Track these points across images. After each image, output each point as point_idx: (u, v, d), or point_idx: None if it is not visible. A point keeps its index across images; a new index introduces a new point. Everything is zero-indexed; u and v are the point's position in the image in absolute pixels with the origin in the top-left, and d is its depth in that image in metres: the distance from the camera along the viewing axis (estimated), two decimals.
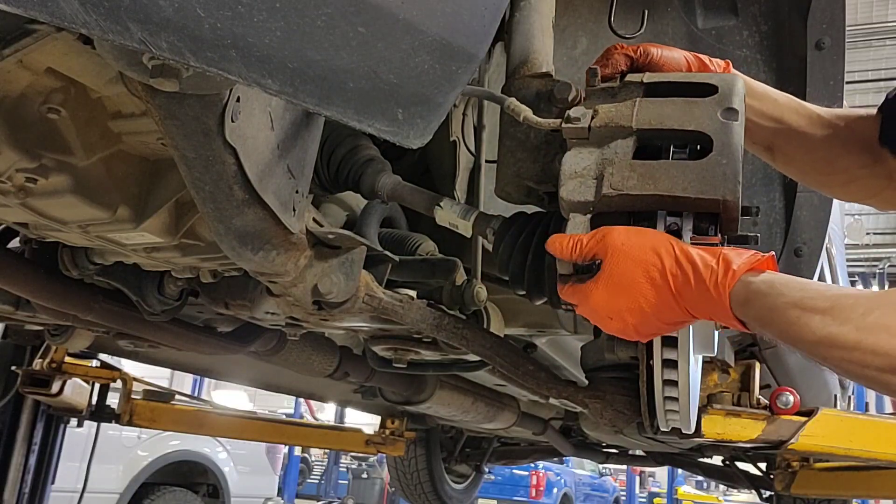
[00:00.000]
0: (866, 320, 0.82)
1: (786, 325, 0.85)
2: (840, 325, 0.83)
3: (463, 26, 0.76)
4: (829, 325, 0.83)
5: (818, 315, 0.84)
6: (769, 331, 0.87)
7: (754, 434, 1.86)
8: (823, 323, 0.83)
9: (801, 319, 0.84)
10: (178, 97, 0.72)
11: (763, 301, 0.86)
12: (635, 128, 0.95)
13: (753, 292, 0.86)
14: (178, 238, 1.17)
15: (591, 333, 1.40)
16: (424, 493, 4.69)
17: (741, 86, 0.97)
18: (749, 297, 0.86)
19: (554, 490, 13.80)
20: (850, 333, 0.82)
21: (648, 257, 0.89)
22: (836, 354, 0.83)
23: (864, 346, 0.81)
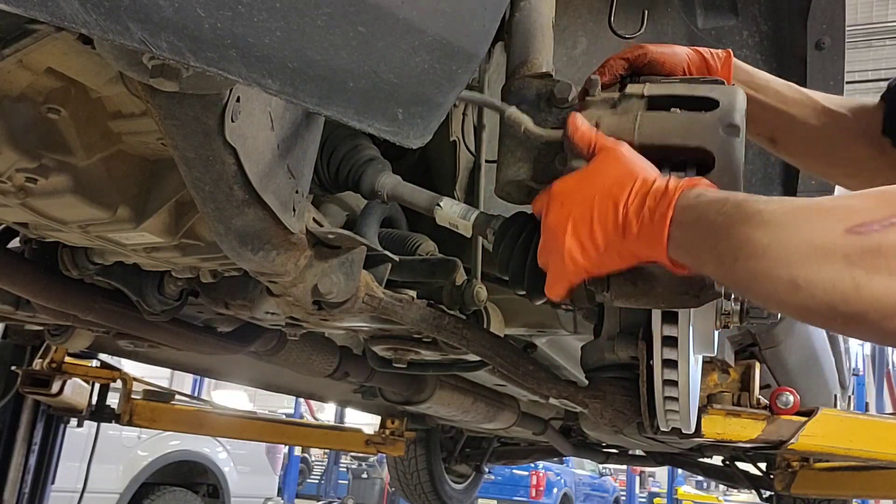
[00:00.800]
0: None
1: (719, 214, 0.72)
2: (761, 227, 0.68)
3: (463, 26, 0.76)
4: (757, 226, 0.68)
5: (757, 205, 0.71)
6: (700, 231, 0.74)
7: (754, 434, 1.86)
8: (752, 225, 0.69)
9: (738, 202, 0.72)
10: (178, 97, 0.72)
11: (710, 195, 0.76)
12: (637, 143, 0.95)
13: (705, 191, 0.77)
14: (178, 238, 1.17)
15: (592, 333, 1.40)
16: (424, 493, 4.70)
17: (742, 100, 0.97)
18: (698, 195, 0.76)
19: (554, 490, 13.81)
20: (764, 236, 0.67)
21: (638, 170, 0.83)
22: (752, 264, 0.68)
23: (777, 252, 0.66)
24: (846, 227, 0.62)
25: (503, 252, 1.07)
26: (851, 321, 0.62)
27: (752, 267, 0.67)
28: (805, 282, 0.63)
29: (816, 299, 0.63)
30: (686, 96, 0.99)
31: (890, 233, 0.60)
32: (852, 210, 0.64)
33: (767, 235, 0.66)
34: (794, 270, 0.64)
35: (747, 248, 0.68)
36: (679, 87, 1.01)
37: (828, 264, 0.62)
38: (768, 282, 0.66)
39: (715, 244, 0.72)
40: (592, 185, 0.85)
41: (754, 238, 0.67)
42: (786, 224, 0.66)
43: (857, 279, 0.60)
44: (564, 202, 0.87)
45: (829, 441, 1.91)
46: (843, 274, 0.61)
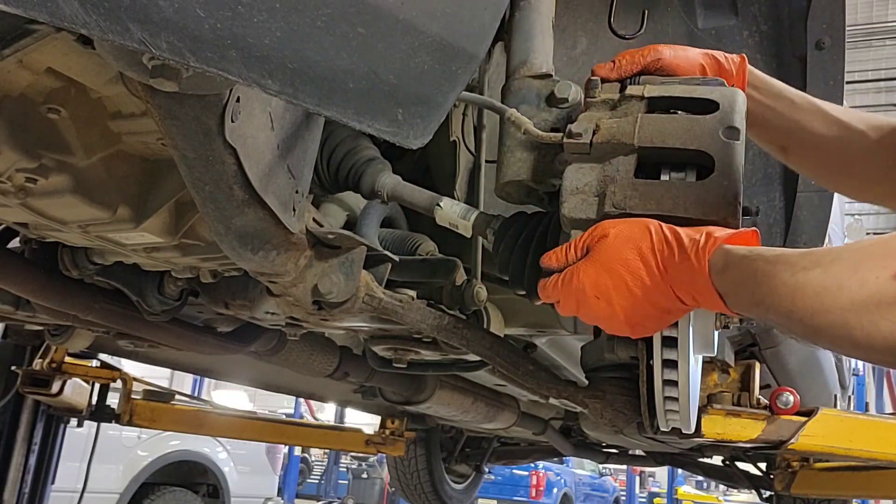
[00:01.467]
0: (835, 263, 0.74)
1: (759, 282, 0.78)
2: (810, 270, 0.75)
3: (463, 26, 0.76)
4: (801, 272, 0.75)
5: (791, 266, 0.77)
6: (745, 295, 0.81)
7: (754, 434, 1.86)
8: (794, 271, 0.76)
9: (775, 270, 0.78)
10: (178, 97, 0.72)
11: (740, 263, 0.81)
12: (637, 145, 0.95)
13: (733, 256, 0.82)
14: (178, 238, 1.17)
15: (592, 333, 1.40)
16: (424, 493, 4.70)
17: (742, 102, 0.97)
18: (728, 262, 0.82)
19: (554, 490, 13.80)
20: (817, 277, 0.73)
21: (638, 234, 0.87)
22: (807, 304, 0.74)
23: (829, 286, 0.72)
24: (891, 274, 0.67)
25: (503, 252, 1.07)
26: None
27: (806, 332, 0.74)
28: (863, 335, 0.68)
29: (879, 349, 0.68)
30: (686, 98, 0.99)
31: None
32: (889, 256, 0.69)
33: (813, 301, 0.72)
34: (849, 329, 0.69)
35: (794, 315, 0.74)
36: (678, 88, 1.01)
37: (883, 311, 0.67)
38: (826, 339, 0.73)
39: (765, 314, 0.78)
40: (614, 271, 0.88)
41: (799, 306, 0.74)
42: (826, 285, 0.72)
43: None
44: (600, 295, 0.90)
45: (829, 441, 1.91)
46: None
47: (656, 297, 0.87)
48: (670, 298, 0.86)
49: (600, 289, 0.89)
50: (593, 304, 0.91)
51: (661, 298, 0.87)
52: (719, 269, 0.82)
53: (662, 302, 0.87)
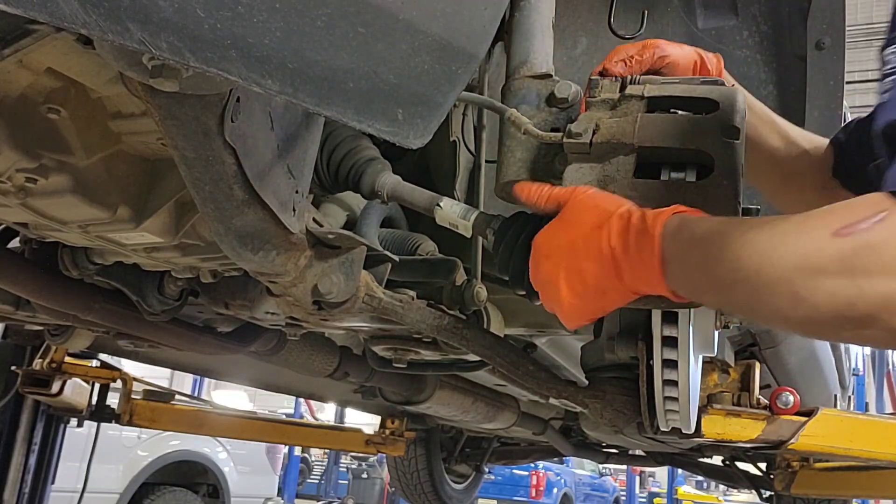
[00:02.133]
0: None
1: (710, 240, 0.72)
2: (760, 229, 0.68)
3: (463, 26, 0.76)
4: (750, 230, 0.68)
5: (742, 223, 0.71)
6: (693, 258, 0.73)
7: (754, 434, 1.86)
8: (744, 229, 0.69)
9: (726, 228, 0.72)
10: (178, 97, 0.72)
11: (695, 225, 0.75)
12: (637, 145, 0.95)
13: (688, 220, 0.77)
14: (178, 238, 1.17)
15: (592, 333, 1.40)
16: (424, 493, 4.70)
17: (742, 102, 0.97)
18: (682, 225, 0.76)
19: (554, 490, 13.80)
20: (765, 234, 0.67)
21: (608, 203, 0.83)
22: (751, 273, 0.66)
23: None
24: (831, 231, 0.61)
25: (503, 252, 1.07)
26: (861, 325, 0.61)
27: (750, 290, 0.67)
28: (807, 293, 0.62)
29: (821, 309, 0.61)
30: (686, 98, 0.99)
31: (876, 229, 0.59)
32: (833, 214, 0.63)
33: (759, 257, 0.66)
34: (793, 285, 0.63)
35: (740, 275, 0.67)
36: (678, 87, 1.01)
37: (825, 272, 0.61)
38: (769, 301, 0.66)
39: (708, 274, 0.71)
40: (570, 232, 0.85)
41: (746, 262, 0.67)
42: (773, 242, 0.65)
43: (859, 282, 0.59)
44: (550, 255, 0.87)
45: (829, 441, 1.91)
46: (843, 280, 0.59)
47: (600, 269, 0.81)
48: (611, 274, 0.80)
49: (551, 249, 0.86)
50: (542, 263, 0.87)
51: (604, 272, 0.81)
52: (672, 233, 0.76)
53: (603, 277, 0.81)
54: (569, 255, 0.84)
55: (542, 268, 0.88)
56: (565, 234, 0.85)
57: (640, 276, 0.78)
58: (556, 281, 0.85)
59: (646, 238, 0.78)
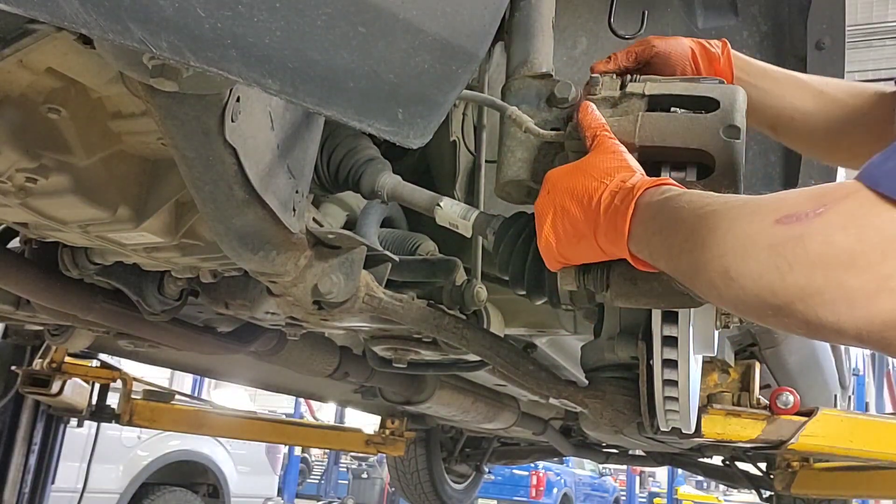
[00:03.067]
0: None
1: (671, 207, 0.73)
2: (715, 206, 0.68)
3: (463, 26, 0.76)
4: (708, 205, 0.69)
5: (703, 198, 0.71)
6: (656, 221, 0.75)
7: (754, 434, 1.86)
8: (703, 203, 0.70)
9: (688, 200, 0.72)
10: (178, 97, 0.72)
11: (669, 192, 0.76)
12: (638, 144, 0.95)
13: (667, 191, 0.77)
14: (178, 238, 1.17)
15: (592, 333, 1.40)
16: (424, 493, 4.70)
17: (743, 100, 0.97)
18: (660, 195, 0.77)
19: (554, 490, 13.81)
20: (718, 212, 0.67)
21: (619, 168, 0.85)
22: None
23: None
24: (775, 218, 0.62)
25: (503, 252, 1.07)
26: (780, 312, 0.62)
27: (694, 259, 0.68)
28: (736, 272, 0.63)
29: (747, 290, 0.62)
30: (686, 96, 0.99)
31: (814, 222, 0.59)
32: (783, 203, 0.64)
33: (708, 228, 0.67)
34: (727, 261, 0.64)
35: (691, 242, 0.69)
36: (679, 86, 1.01)
37: (754, 254, 0.62)
38: (706, 273, 0.67)
39: (666, 238, 0.73)
40: (577, 177, 0.87)
41: (698, 232, 0.68)
42: (724, 217, 0.66)
43: (781, 269, 0.60)
44: (551, 190, 0.89)
45: (829, 441, 1.91)
46: (768, 263, 0.60)
47: (583, 217, 0.84)
48: (589, 226, 0.83)
49: (556, 183, 0.89)
50: (542, 195, 0.91)
51: (585, 221, 0.84)
52: (648, 200, 0.78)
53: (582, 226, 0.84)
54: (564, 195, 0.87)
55: (539, 199, 0.91)
56: (572, 177, 0.88)
57: (609, 235, 0.81)
58: (545, 215, 0.89)
59: (627, 198, 0.80)
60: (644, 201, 0.79)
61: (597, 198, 0.83)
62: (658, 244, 0.75)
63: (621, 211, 0.79)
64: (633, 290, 0.91)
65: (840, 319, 0.57)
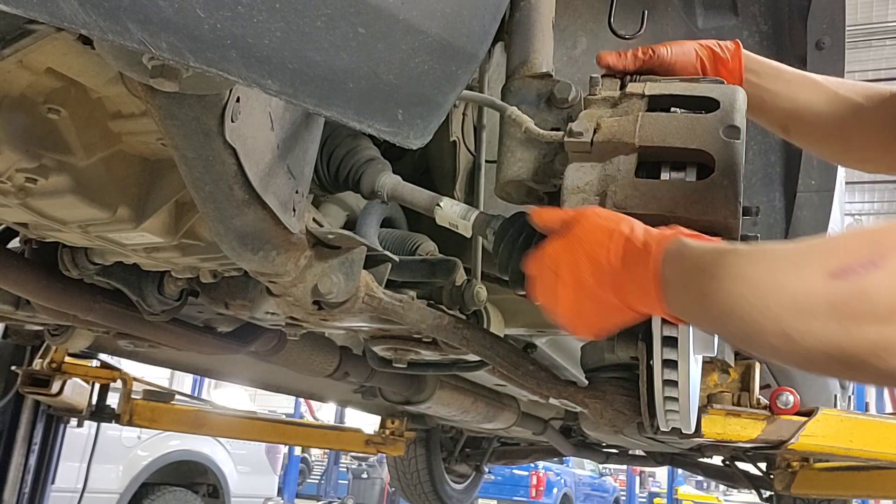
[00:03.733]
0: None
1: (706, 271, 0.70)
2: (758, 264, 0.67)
3: (463, 26, 0.76)
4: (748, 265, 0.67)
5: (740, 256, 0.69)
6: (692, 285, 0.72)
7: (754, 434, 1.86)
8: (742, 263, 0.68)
9: (725, 260, 0.70)
10: (178, 97, 0.72)
11: (694, 252, 0.74)
12: (638, 144, 0.95)
13: (688, 246, 0.75)
14: (178, 238, 1.17)
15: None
16: (424, 493, 4.70)
17: (742, 100, 0.97)
18: (683, 251, 0.75)
19: (554, 490, 13.80)
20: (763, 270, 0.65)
21: (616, 226, 0.83)
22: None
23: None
24: (827, 271, 0.60)
25: (503, 252, 1.07)
26: (850, 368, 0.61)
27: (744, 326, 0.67)
28: (798, 334, 0.62)
29: (812, 351, 0.61)
30: (686, 96, 0.99)
31: (872, 275, 0.58)
32: (831, 253, 0.63)
33: (751, 292, 0.65)
34: (783, 325, 0.62)
35: (735, 309, 0.67)
36: (679, 86, 1.01)
37: (815, 315, 0.60)
38: (762, 338, 0.65)
39: (705, 308, 0.71)
40: (575, 249, 0.85)
41: (738, 297, 0.66)
42: (766, 277, 0.65)
43: (848, 328, 0.59)
44: (559, 270, 0.86)
45: (829, 441, 1.91)
46: (832, 324, 0.59)
47: (600, 286, 0.81)
48: (610, 291, 0.81)
49: (556, 263, 0.85)
50: (545, 277, 0.87)
51: (604, 289, 0.81)
52: (671, 258, 0.76)
53: (604, 294, 0.82)
54: (574, 271, 0.84)
55: (548, 282, 0.87)
56: (570, 251, 0.85)
57: (638, 297, 0.79)
58: (556, 294, 0.86)
59: (645, 260, 0.77)
60: (666, 257, 0.76)
61: (605, 261, 0.80)
62: (699, 314, 0.72)
63: (641, 269, 0.76)
64: None
65: None
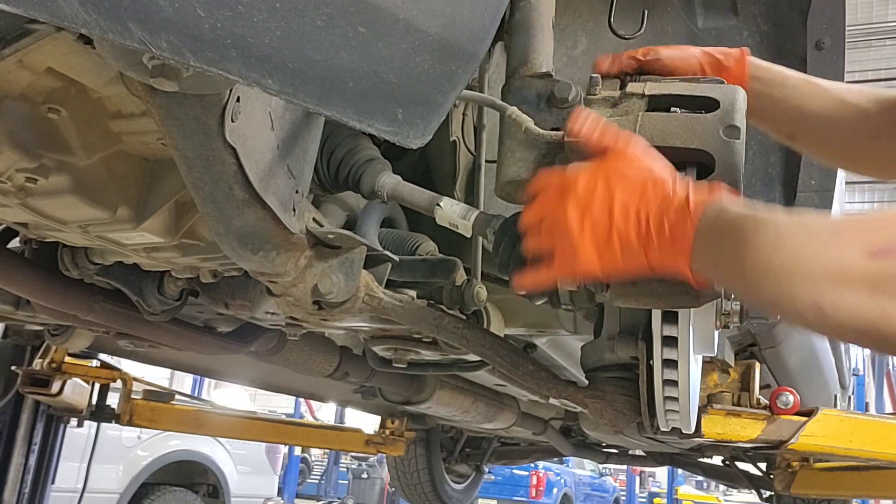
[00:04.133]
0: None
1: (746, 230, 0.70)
2: (794, 229, 0.68)
3: (463, 26, 0.76)
4: (784, 227, 0.68)
5: (776, 221, 0.70)
6: (728, 246, 0.72)
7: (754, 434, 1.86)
8: (778, 226, 0.69)
9: (762, 222, 0.70)
10: (178, 97, 0.72)
11: (734, 214, 0.73)
12: None
13: (725, 207, 0.75)
14: (178, 238, 1.17)
15: (592, 333, 1.40)
16: (424, 493, 4.70)
17: (742, 100, 0.96)
18: (720, 213, 0.75)
19: (554, 490, 13.80)
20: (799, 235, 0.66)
21: (661, 174, 0.80)
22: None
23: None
24: (866, 249, 0.61)
25: (503, 252, 1.07)
26: (883, 343, 0.62)
27: (776, 291, 0.67)
28: (830, 306, 0.63)
29: (843, 324, 0.62)
30: (686, 96, 0.99)
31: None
32: (871, 230, 0.63)
33: (789, 258, 0.66)
34: (817, 295, 0.63)
35: (770, 272, 0.67)
36: (679, 86, 1.01)
37: (851, 289, 0.61)
38: (792, 305, 0.66)
39: (738, 266, 0.71)
40: (609, 186, 0.83)
41: (775, 261, 0.67)
42: (805, 246, 0.65)
43: (884, 305, 0.60)
44: (580, 201, 0.84)
45: (829, 441, 1.91)
46: (869, 300, 0.60)
47: (630, 236, 0.80)
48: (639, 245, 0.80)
49: (586, 189, 0.82)
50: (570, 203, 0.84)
51: (635, 240, 0.79)
52: (709, 217, 0.76)
53: (631, 243, 0.80)
54: (601, 208, 0.81)
55: (568, 209, 0.84)
56: (603, 185, 0.82)
57: (667, 254, 0.78)
58: (579, 228, 0.83)
59: (683, 218, 0.76)
60: (703, 221, 0.75)
61: (644, 214, 0.79)
62: (728, 271, 0.72)
63: (680, 232, 0.76)
64: (633, 290, 0.91)
65: None
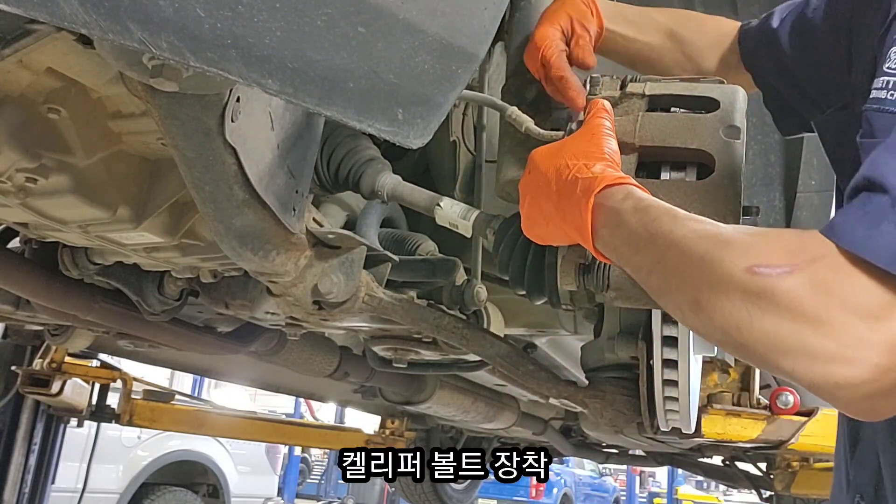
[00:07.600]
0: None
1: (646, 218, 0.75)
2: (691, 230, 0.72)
3: (463, 26, 0.76)
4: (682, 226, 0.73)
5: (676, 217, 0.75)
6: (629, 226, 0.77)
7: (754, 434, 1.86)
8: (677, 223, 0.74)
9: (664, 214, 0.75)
10: (178, 97, 0.72)
11: (640, 200, 0.78)
12: (638, 144, 0.95)
13: (633, 195, 0.79)
14: (178, 238, 1.17)
15: (592, 333, 1.40)
16: (424, 492, 4.70)
17: (743, 100, 0.97)
18: (626, 198, 0.79)
19: (554, 490, 13.80)
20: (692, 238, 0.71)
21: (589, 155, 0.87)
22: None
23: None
24: (746, 265, 0.67)
25: (503, 252, 1.07)
26: (741, 349, 0.68)
27: (662, 282, 0.74)
28: (707, 306, 0.69)
29: (714, 322, 0.68)
30: (686, 96, 0.99)
31: (784, 280, 0.65)
32: (752, 249, 0.68)
33: (678, 257, 0.72)
34: (698, 293, 0.69)
35: (660, 265, 0.74)
36: (679, 86, 1.01)
37: (727, 295, 0.67)
38: (674, 298, 0.73)
39: (634, 252, 0.77)
40: (554, 158, 0.89)
41: (666, 256, 0.73)
42: (694, 249, 0.71)
43: (752, 314, 0.65)
44: (532, 171, 0.92)
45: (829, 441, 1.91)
46: (740, 307, 0.66)
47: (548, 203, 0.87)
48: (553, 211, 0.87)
49: (535, 164, 0.91)
50: (524, 175, 0.94)
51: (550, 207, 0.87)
52: (615, 201, 0.80)
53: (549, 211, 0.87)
54: (540, 178, 0.89)
55: (523, 179, 0.94)
56: (552, 158, 0.89)
57: (575, 227, 0.83)
58: (524, 194, 0.92)
59: (587, 194, 0.82)
60: (608, 204, 0.80)
61: (564, 179, 0.85)
62: (627, 255, 0.78)
63: (583, 203, 0.81)
64: (633, 291, 0.91)
65: (796, 369, 0.63)
